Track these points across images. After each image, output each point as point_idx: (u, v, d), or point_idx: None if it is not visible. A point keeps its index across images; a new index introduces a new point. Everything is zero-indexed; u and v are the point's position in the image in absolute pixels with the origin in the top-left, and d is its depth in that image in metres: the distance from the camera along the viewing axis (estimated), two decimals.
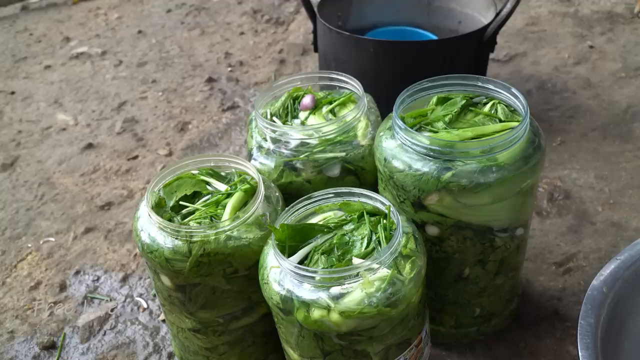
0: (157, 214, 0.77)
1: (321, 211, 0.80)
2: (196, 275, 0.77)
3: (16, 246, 1.29)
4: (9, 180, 1.50)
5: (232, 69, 1.93)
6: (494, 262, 0.86)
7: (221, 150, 1.55)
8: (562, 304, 1.04)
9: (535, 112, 1.52)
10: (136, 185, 1.44)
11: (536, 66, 1.74)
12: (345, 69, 1.11)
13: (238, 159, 0.86)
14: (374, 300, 0.67)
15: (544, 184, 1.29)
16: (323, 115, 0.95)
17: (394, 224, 0.74)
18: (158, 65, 1.99)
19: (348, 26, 1.49)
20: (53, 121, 1.74)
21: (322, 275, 0.68)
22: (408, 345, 0.77)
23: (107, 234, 1.30)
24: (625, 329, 0.71)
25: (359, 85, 0.95)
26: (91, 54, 2.11)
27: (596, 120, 1.49)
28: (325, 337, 0.72)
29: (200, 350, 0.90)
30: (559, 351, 0.96)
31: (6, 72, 2.04)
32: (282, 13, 2.25)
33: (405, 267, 0.71)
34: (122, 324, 1.09)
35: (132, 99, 1.81)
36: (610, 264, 0.72)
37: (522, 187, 0.79)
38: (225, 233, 0.76)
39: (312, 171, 0.88)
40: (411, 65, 1.24)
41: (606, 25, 1.93)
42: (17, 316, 1.13)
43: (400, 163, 0.78)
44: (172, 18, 2.33)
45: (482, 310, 0.93)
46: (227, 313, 0.84)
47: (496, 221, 0.81)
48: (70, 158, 1.57)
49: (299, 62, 1.92)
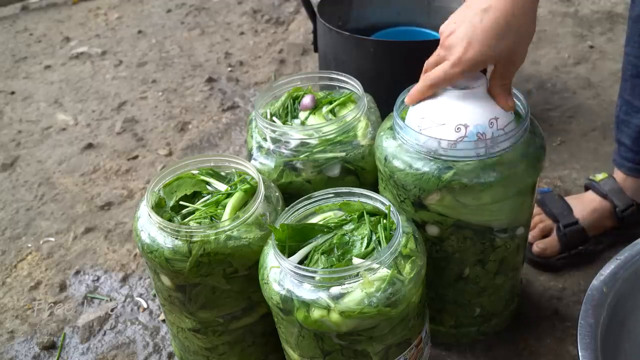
0: (157, 214, 0.77)
1: (321, 211, 0.80)
2: (196, 275, 0.77)
3: (16, 246, 1.29)
4: (9, 180, 1.50)
5: (232, 69, 1.93)
6: (494, 262, 0.86)
7: (221, 150, 1.55)
8: (562, 304, 1.04)
9: (535, 112, 1.52)
10: (136, 185, 1.44)
11: (536, 66, 1.74)
12: (345, 69, 1.11)
13: (238, 159, 0.86)
14: (374, 300, 0.67)
15: (544, 183, 1.29)
16: (323, 115, 0.95)
17: (394, 223, 0.74)
18: (158, 65, 1.99)
19: (348, 26, 1.49)
20: (53, 121, 1.74)
21: (322, 275, 0.68)
22: (408, 345, 0.77)
23: (107, 234, 1.30)
24: (625, 329, 0.71)
25: (359, 85, 0.95)
26: (91, 54, 2.11)
27: (596, 120, 1.49)
28: (325, 337, 0.72)
29: (200, 350, 0.90)
30: (559, 351, 0.96)
31: (6, 72, 2.04)
32: (282, 13, 2.25)
33: (405, 267, 0.71)
34: (122, 324, 1.09)
35: (132, 99, 1.81)
36: (610, 264, 0.72)
37: (522, 186, 0.79)
38: (225, 233, 0.76)
39: (312, 171, 0.88)
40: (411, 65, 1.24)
41: (606, 25, 1.93)
42: (17, 316, 1.13)
43: (400, 162, 0.78)
44: (172, 18, 2.33)
45: (482, 310, 0.93)
46: (227, 313, 0.84)
47: (496, 221, 0.81)
48: (70, 158, 1.57)
49: (299, 62, 1.92)
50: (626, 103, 1.03)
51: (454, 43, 0.73)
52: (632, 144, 1.04)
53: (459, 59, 0.72)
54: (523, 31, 0.72)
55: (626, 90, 1.03)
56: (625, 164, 1.07)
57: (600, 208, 1.09)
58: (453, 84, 0.76)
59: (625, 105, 1.04)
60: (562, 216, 1.10)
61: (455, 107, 0.76)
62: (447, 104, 0.76)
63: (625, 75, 1.02)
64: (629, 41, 1.00)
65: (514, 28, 0.70)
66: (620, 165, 1.08)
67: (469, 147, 0.74)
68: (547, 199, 1.14)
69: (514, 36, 0.71)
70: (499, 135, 0.75)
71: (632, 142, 1.04)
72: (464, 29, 0.71)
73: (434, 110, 0.77)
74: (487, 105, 0.76)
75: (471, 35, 0.70)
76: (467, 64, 0.72)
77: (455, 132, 0.74)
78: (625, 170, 1.08)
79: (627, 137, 1.04)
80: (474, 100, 0.76)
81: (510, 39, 0.71)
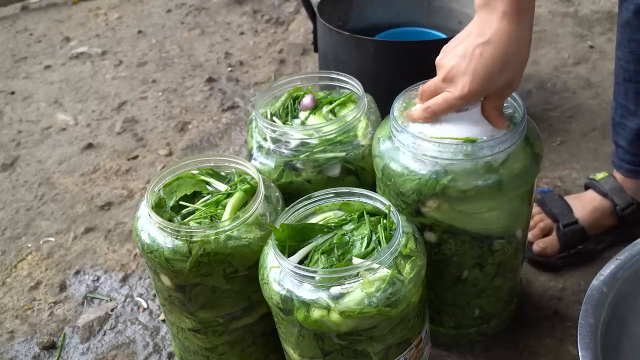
0: (157, 214, 0.77)
1: (321, 211, 0.80)
2: (196, 275, 0.77)
3: (16, 246, 1.29)
4: (9, 180, 1.50)
5: (232, 69, 1.93)
6: (492, 265, 0.86)
7: (221, 150, 1.55)
8: (562, 304, 1.04)
9: (535, 112, 1.52)
10: (136, 185, 1.44)
11: (536, 66, 1.74)
12: (345, 69, 1.11)
13: (238, 159, 0.86)
14: (374, 300, 0.67)
15: (544, 183, 1.29)
16: (323, 115, 0.95)
17: (394, 223, 0.74)
18: (158, 65, 1.99)
19: (348, 26, 1.49)
20: (53, 121, 1.74)
21: (322, 275, 0.68)
22: (408, 345, 0.77)
23: (107, 234, 1.30)
24: (625, 329, 0.71)
25: (359, 85, 0.95)
26: (91, 54, 2.11)
27: (596, 120, 1.49)
28: (325, 337, 0.72)
29: (200, 350, 0.90)
30: (559, 351, 0.96)
31: (6, 72, 2.03)
32: (282, 13, 2.25)
33: (405, 267, 0.71)
34: (122, 324, 1.09)
35: (132, 99, 1.81)
36: (610, 264, 0.72)
37: (519, 190, 0.79)
38: (225, 233, 0.76)
39: (312, 171, 0.88)
40: (411, 65, 1.24)
41: (606, 25, 1.93)
42: (17, 316, 1.13)
43: (398, 166, 0.78)
44: (172, 18, 2.33)
45: (482, 311, 0.93)
46: (227, 313, 0.84)
47: (494, 228, 0.82)
48: (70, 158, 1.57)
49: (299, 62, 1.92)
50: (621, 106, 1.04)
51: (456, 78, 0.74)
52: (628, 146, 1.04)
53: (462, 93, 0.74)
54: (520, 60, 0.75)
55: (620, 94, 1.03)
56: (623, 166, 1.08)
57: (601, 207, 1.09)
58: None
59: (620, 108, 1.04)
60: (561, 216, 1.10)
61: (453, 127, 0.77)
62: (445, 124, 0.78)
63: (617, 79, 1.03)
64: (619, 46, 1.00)
65: (513, 59, 0.73)
66: (619, 167, 1.09)
67: (465, 152, 0.74)
68: (547, 198, 1.14)
69: (513, 67, 0.74)
70: (496, 139, 0.75)
71: (628, 144, 1.04)
72: (465, 64, 0.73)
73: (431, 129, 0.78)
74: (483, 123, 0.78)
75: (473, 72, 0.73)
76: (469, 97, 0.74)
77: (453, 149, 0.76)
78: (624, 171, 1.08)
79: (624, 139, 1.05)
80: (471, 120, 0.77)
81: (510, 71, 0.74)
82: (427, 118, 0.78)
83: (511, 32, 0.71)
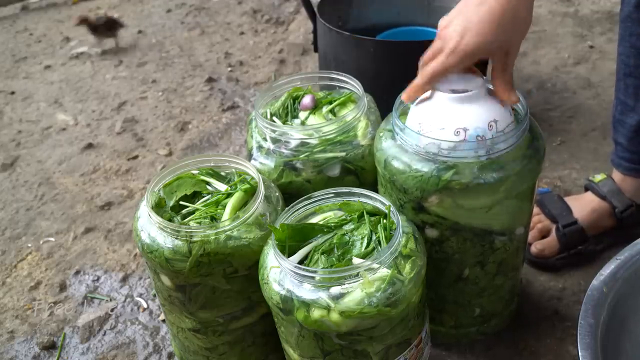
0: (157, 214, 0.77)
1: (321, 211, 0.80)
2: (196, 275, 0.77)
3: (16, 246, 1.29)
4: (9, 180, 1.50)
5: (232, 69, 1.93)
6: (493, 263, 0.86)
7: (221, 150, 1.55)
8: (562, 304, 1.04)
9: (535, 112, 1.52)
10: (136, 185, 1.44)
11: (536, 66, 1.74)
12: (345, 69, 1.11)
13: (238, 159, 0.86)
14: (374, 300, 0.67)
15: (544, 183, 1.29)
16: (323, 115, 0.95)
17: (394, 223, 0.74)
18: (158, 65, 1.99)
19: (348, 26, 1.49)
20: (53, 121, 1.74)
21: (322, 275, 0.68)
22: (408, 345, 0.77)
23: (107, 234, 1.30)
24: (625, 329, 0.71)
25: (359, 85, 0.95)
26: (91, 54, 2.11)
27: (596, 120, 1.49)
28: (325, 337, 0.72)
29: (200, 350, 0.90)
30: (559, 351, 0.96)
31: (6, 72, 2.04)
32: (282, 13, 2.25)
33: (405, 267, 0.71)
34: (122, 324, 1.09)
35: (132, 99, 1.81)
36: (610, 264, 0.72)
37: (521, 187, 0.79)
38: (225, 233, 0.76)
39: (312, 171, 0.88)
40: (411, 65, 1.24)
41: (606, 25, 1.93)
42: (17, 316, 1.13)
43: (400, 163, 0.78)
44: (172, 18, 2.33)
45: (482, 310, 0.93)
46: (227, 313, 0.84)
47: (496, 224, 0.81)
48: (70, 158, 1.57)
49: (299, 62, 1.92)
50: (621, 103, 1.03)
51: (449, 34, 0.74)
52: (627, 143, 1.04)
53: (454, 48, 0.73)
54: (518, 21, 0.73)
55: (620, 90, 1.03)
56: (622, 164, 1.07)
57: (600, 209, 1.09)
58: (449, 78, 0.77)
59: (620, 105, 1.04)
60: (561, 217, 1.10)
61: (454, 111, 0.76)
62: (446, 108, 0.76)
63: (618, 75, 1.03)
64: (621, 41, 1.00)
65: (509, 18, 0.71)
66: (618, 165, 1.08)
67: (469, 149, 0.74)
68: (546, 199, 1.14)
69: (509, 29, 0.72)
70: (498, 136, 0.75)
71: (627, 141, 1.04)
72: (459, 20, 0.73)
73: (433, 115, 0.77)
74: (485, 107, 0.76)
75: (466, 25, 0.72)
76: (462, 54, 0.73)
77: (454, 136, 0.74)
78: (623, 170, 1.08)
79: (623, 136, 1.04)
80: (472, 103, 0.76)
81: (505, 29, 0.72)
82: (423, 86, 0.77)
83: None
